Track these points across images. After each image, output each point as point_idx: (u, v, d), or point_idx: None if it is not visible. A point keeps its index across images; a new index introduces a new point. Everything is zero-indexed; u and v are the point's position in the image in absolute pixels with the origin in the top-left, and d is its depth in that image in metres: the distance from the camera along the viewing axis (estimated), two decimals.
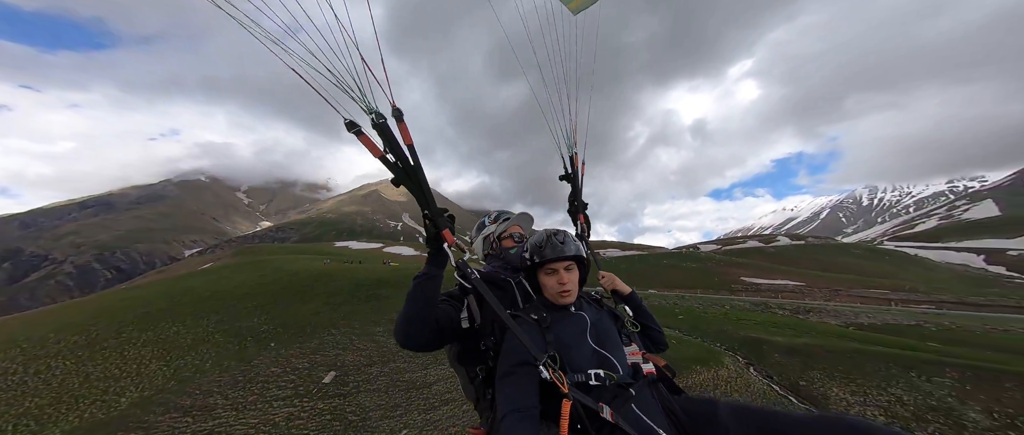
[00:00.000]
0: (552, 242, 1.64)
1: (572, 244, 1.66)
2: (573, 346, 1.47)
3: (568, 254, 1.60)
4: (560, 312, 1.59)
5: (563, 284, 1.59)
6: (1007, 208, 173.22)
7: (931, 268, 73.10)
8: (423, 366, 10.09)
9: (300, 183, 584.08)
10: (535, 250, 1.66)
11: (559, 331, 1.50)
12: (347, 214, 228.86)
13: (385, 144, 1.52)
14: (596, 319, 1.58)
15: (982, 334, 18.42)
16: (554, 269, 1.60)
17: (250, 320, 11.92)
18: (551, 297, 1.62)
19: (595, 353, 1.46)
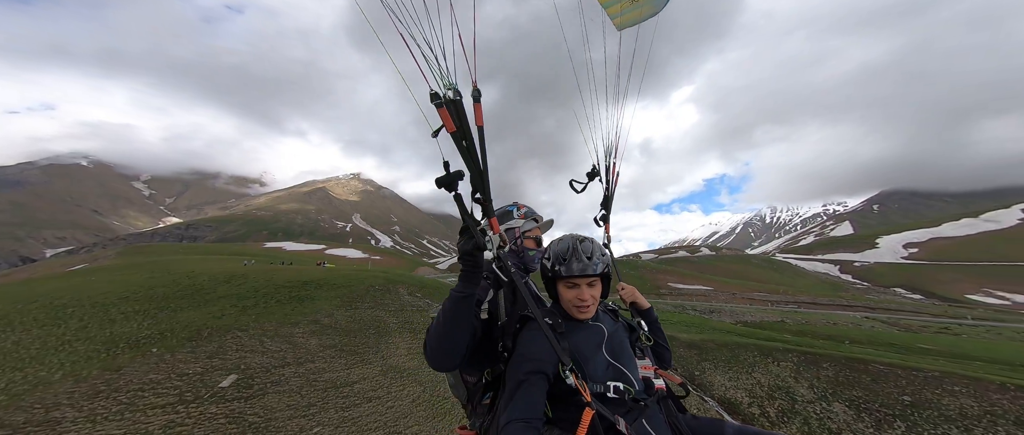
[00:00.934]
0: (578, 254, 1.52)
1: (599, 260, 1.54)
2: (589, 357, 1.41)
3: (594, 272, 1.49)
4: (577, 321, 1.52)
5: (583, 300, 1.49)
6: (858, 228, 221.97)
7: (802, 275, 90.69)
8: (347, 366, 9.60)
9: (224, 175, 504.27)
10: (559, 259, 1.54)
11: (575, 340, 1.43)
12: (284, 212, 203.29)
13: (457, 120, 1.48)
14: (612, 331, 1.52)
15: (820, 326, 23.58)
16: (576, 283, 1.50)
17: (126, 326, 10.10)
18: (568, 309, 1.52)
19: (610, 366, 1.40)
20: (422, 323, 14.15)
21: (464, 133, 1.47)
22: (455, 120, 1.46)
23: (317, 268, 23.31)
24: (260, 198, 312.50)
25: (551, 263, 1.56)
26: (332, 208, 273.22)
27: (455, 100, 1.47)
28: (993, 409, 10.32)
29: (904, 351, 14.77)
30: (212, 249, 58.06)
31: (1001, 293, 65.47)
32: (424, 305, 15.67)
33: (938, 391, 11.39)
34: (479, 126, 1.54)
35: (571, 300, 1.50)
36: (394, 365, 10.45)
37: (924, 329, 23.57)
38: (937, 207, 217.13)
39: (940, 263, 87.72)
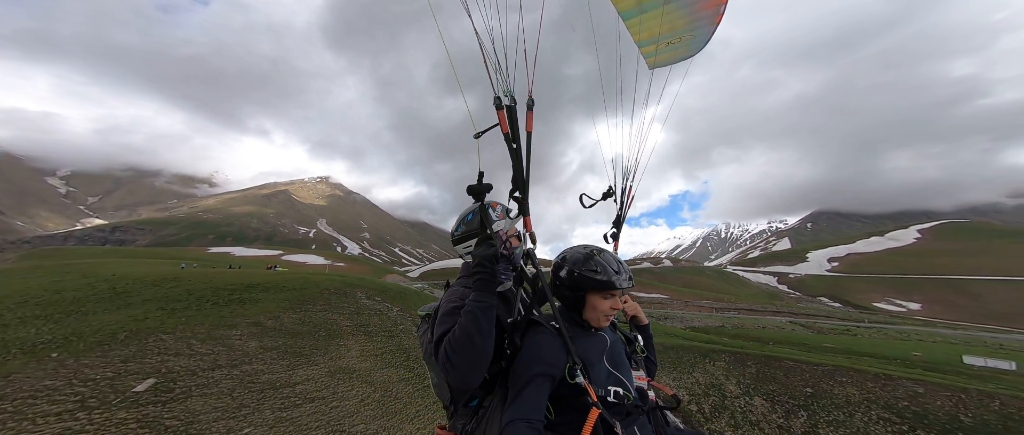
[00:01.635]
0: (623, 269, 1.52)
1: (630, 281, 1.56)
2: (594, 363, 1.42)
3: (631, 287, 1.53)
4: (581, 328, 1.52)
5: (616, 310, 1.53)
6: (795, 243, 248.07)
7: (747, 286, 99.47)
8: (289, 367, 9.08)
9: (166, 174, 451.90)
10: (604, 269, 1.49)
11: (580, 346, 1.44)
12: (236, 215, 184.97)
13: (511, 123, 1.58)
14: (613, 341, 1.54)
15: (752, 330, 26.13)
16: (614, 294, 1.50)
17: (21, 330, 8.80)
18: (594, 318, 1.50)
19: (610, 374, 1.42)
20: (379, 326, 13.69)
21: (515, 136, 1.59)
22: (509, 124, 1.58)
23: (267, 272, 21.69)
24: (209, 199, 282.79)
25: (600, 273, 1.49)
26: (294, 212, 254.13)
27: (511, 106, 1.59)
28: (869, 396, 12.02)
29: (812, 349, 16.80)
30: (143, 253, 51.15)
31: (899, 301, 76.94)
32: (383, 309, 15.19)
33: (831, 383, 13.04)
34: (528, 132, 1.65)
35: (605, 310, 1.49)
36: (344, 366, 10.05)
37: (832, 331, 26.98)
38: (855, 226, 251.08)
39: (855, 275, 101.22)
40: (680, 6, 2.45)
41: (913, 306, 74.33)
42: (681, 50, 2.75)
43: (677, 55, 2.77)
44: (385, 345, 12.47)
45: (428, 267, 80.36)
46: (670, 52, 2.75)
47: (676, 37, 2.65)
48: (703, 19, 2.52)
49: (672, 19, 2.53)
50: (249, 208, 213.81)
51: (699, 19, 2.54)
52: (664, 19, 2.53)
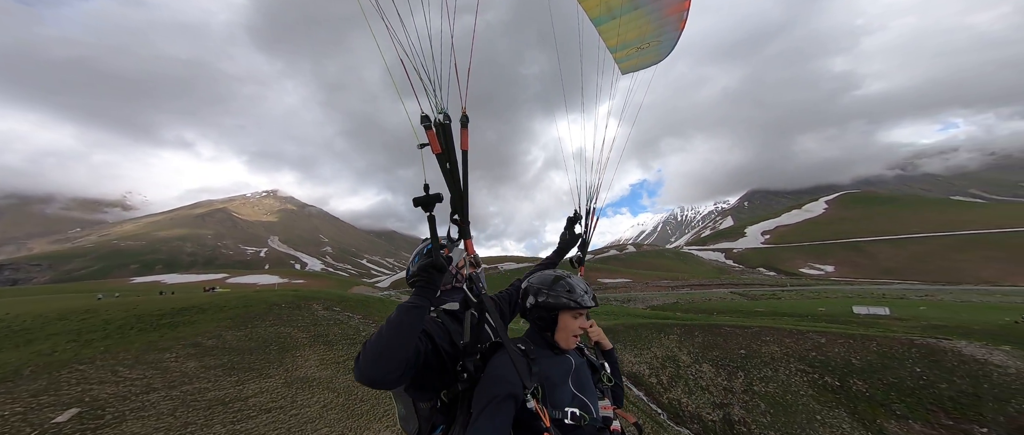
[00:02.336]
0: (586, 288, 1.58)
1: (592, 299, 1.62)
2: (557, 384, 1.42)
3: (594, 305, 1.57)
4: (549, 350, 1.53)
5: (584, 328, 1.55)
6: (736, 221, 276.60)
7: (700, 263, 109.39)
8: (238, 382, 8.60)
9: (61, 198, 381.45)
10: (568, 292, 1.54)
11: (545, 368, 1.44)
12: (163, 240, 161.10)
13: (443, 142, 1.50)
14: (578, 364, 1.54)
15: (701, 303, 29.25)
16: (581, 313, 1.54)
17: None
18: (564, 339, 1.53)
19: (574, 397, 1.42)
20: (340, 335, 13.26)
21: (449, 156, 1.51)
22: (442, 142, 1.49)
23: (204, 294, 19.75)
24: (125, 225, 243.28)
25: (565, 296, 1.53)
26: (238, 232, 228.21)
27: (444, 124, 1.51)
28: (788, 351, 14.21)
29: (746, 315, 19.35)
30: (43, 290, 42.80)
31: (817, 265, 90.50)
32: (343, 318, 14.69)
33: (759, 343, 15.18)
34: (464, 150, 1.57)
35: (574, 330, 1.52)
36: (303, 376, 9.72)
37: (762, 296, 31.06)
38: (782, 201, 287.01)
39: (783, 245, 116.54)
40: (647, 12, 2.51)
41: (828, 268, 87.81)
42: (651, 55, 2.78)
43: (647, 60, 2.80)
44: (348, 352, 12.18)
45: (399, 275, 77.30)
46: (641, 57, 2.78)
47: (645, 42, 2.69)
48: (669, 24, 2.59)
49: (641, 25, 2.57)
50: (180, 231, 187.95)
51: (665, 24, 2.60)
52: (634, 25, 2.56)
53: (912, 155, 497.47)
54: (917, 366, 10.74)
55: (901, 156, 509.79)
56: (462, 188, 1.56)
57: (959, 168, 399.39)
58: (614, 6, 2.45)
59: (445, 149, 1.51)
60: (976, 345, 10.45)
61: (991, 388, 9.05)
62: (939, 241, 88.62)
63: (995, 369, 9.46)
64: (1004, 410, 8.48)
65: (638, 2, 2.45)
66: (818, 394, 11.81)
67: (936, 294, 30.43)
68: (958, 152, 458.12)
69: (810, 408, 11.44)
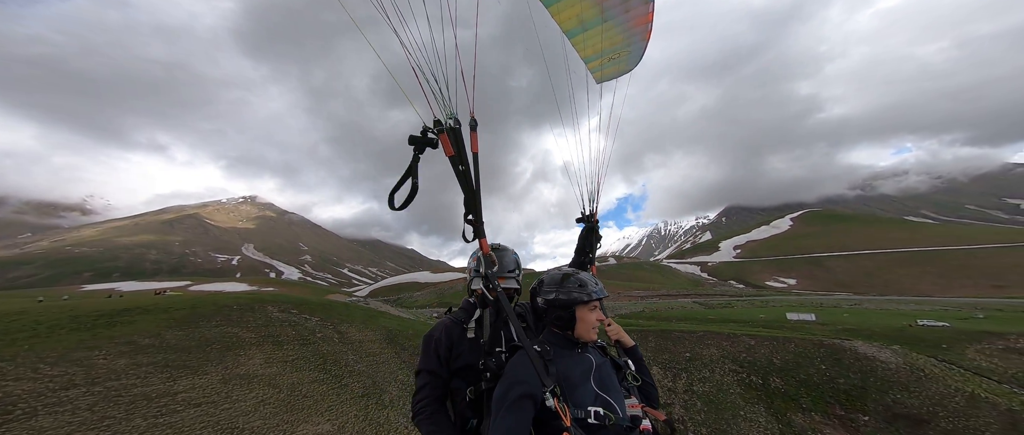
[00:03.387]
0: (597, 283, 1.60)
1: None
2: (577, 384, 1.40)
3: (605, 295, 1.61)
4: (568, 349, 1.53)
5: (602, 320, 1.58)
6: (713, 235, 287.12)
7: (677, 276, 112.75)
8: (169, 379, 8.52)
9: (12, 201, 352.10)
10: (580, 287, 1.57)
11: (563, 367, 1.43)
12: (125, 246, 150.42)
13: (455, 146, 1.56)
14: (600, 363, 1.53)
15: (663, 311, 30.45)
16: (597, 305, 1.56)
17: None
18: (586, 332, 1.54)
19: (597, 396, 1.40)
20: (291, 336, 13.14)
21: (461, 158, 1.58)
22: (454, 146, 1.56)
23: (154, 297, 19.03)
24: (83, 230, 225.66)
25: (579, 289, 1.56)
26: (210, 239, 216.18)
27: (455, 128, 1.58)
28: (724, 353, 15.17)
29: (698, 321, 20.44)
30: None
31: (781, 279, 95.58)
32: (299, 320, 14.56)
33: (701, 346, 16.10)
34: (474, 153, 1.65)
35: (593, 322, 1.53)
36: (243, 373, 9.69)
37: (718, 305, 32.67)
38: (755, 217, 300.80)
39: (752, 260, 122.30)
40: (617, 24, 2.68)
41: (791, 281, 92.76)
42: (622, 64, 2.97)
43: (619, 69, 3.00)
44: (298, 352, 12.13)
45: (378, 284, 75.16)
46: (613, 67, 2.96)
47: (616, 53, 2.86)
48: (636, 35, 2.79)
49: (611, 35, 2.74)
50: (144, 237, 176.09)
51: (633, 35, 2.79)
52: (604, 36, 2.72)
53: (870, 176, 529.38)
54: (823, 364, 11.85)
55: (860, 177, 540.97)
56: (475, 189, 1.62)
57: (911, 190, 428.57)
58: (586, 19, 2.65)
59: (457, 152, 1.58)
60: (870, 345, 11.69)
61: (875, 381, 10.17)
62: (885, 257, 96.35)
63: (880, 365, 10.64)
64: (883, 400, 9.56)
65: (607, 15, 2.64)
66: (744, 392, 12.71)
67: (862, 303, 32.99)
68: (908, 175, 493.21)
69: (736, 405, 12.29)
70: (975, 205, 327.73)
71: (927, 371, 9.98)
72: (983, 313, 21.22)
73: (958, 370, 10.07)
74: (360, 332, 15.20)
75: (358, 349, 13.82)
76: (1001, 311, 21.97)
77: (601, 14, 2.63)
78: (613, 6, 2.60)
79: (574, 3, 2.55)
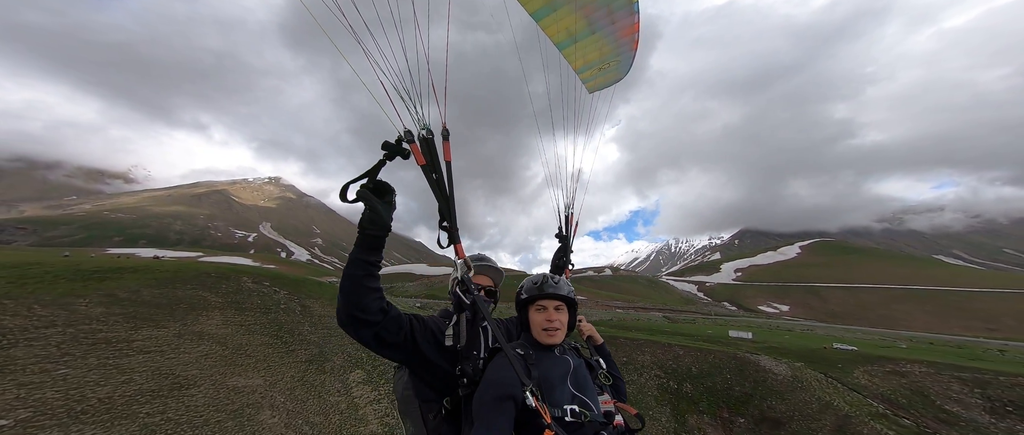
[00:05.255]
0: (548, 281, 1.63)
1: (565, 286, 1.65)
2: (555, 385, 1.44)
3: (561, 293, 1.60)
4: (546, 352, 1.56)
5: (551, 321, 1.57)
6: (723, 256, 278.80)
7: (671, 292, 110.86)
8: (132, 328, 9.81)
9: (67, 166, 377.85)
10: (529, 288, 1.63)
11: (543, 369, 1.47)
12: (156, 215, 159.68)
13: (428, 155, 1.59)
14: (577, 365, 1.56)
15: (629, 322, 30.70)
16: (544, 306, 1.59)
17: None
18: (537, 335, 1.58)
19: (574, 397, 1.44)
20: (256, 305, 14.49)
21: (434, 167, 1.60)
22: (426, 155, 1.58)
23: (150, 260, 20.98)
24: (122, 197, 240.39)
25: (524, 293, 1.63)
26: (232, 215, 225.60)
27: (428, 138, 1.58)
28: (655, 360, 15.77)
29: (652, 332, 20.84)
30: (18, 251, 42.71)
31: (775, 304, 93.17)
32: (268, 292, 16.00)
33: (639, 353, 16.71)
34: (447, 162, 1.66)
35: (540, 322, 1.56)
36: (198, 330, 11.05)
37: (683, 321, 32.65)
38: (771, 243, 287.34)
39: (750, 284, 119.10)
40: (604, 35, 2.72)
41: (784, 308, 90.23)
42: (612, 74, 2.99)
43: (610, 79, 3.03)
44: (257, 319, 13.50)
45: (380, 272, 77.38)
46: (604, 76, 2.99)
47: (606, 63, 2.89)
48: (624, 45, 2.81)
49: (600, 46, 2.78)
50: (175, 208, 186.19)
51: (621, 46, 2.81)
52: (594, 47, 2.76)
53: (900, 210, 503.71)
54: (729, 373, 12.39)
55: (890, 210, 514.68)
56: (449, 196, 1.64)
57: (944, 228, 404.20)
58: (574, 31, 2.67)
59: (429, 161, 1.60)
60: (773, 360, 12.16)
61: (761, 390, 10.72)
62: (887, 292, 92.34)
63: (772, 376, 11.15)
64: (760, 406, 10.15)
65: (595, 26, 2.67)
66: (659, 394, 13.33)
67: (814, 329, 32.37)
68: (944, 212, 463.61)
69: (648, 405, 12.94)
70: (1013, 249, 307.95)
71: (805, 383, 10.53)
72: (907, 344, 21.12)
73: (835, 384, 10.59)
74: (324, 308, 16.52)
75: (317, 322, 15.11)
76: (932, 344, 21.81)
77: (589, 26, 2.67)
78: (600, 18, 2.63)
79: (563, 16, 2.59)
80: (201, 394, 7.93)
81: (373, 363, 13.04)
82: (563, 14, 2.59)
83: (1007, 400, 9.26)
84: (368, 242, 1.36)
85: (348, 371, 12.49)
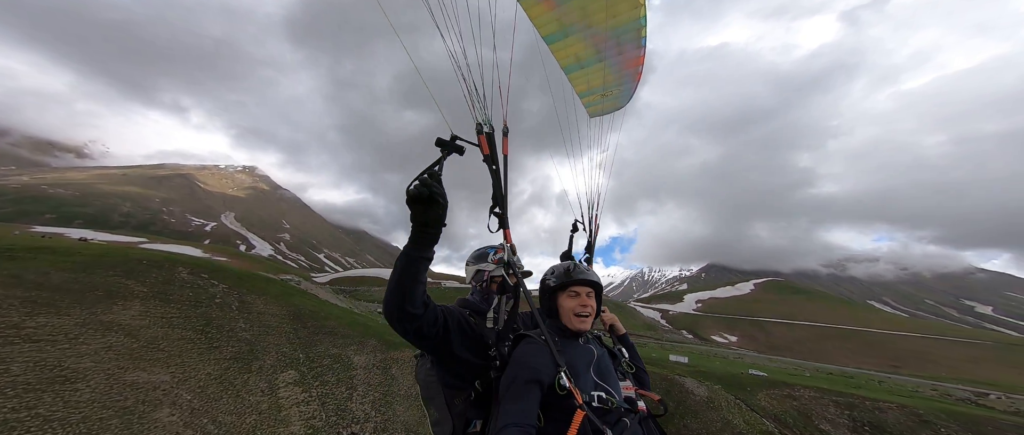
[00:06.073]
0: (578, 267, 1.65)
1: (594, 274, 1.65)
2: (580, 373, 1.44)
3: (591, 278, 1.61)
4: (570, 340, 1.56)
5: (584, 306, 1.57)
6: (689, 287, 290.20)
7: (634, 317, 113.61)
8: (28, 314, 8.87)
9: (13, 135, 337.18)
10: (560, 275, 1.63)
11: (568, 356, 1.46)
12: (103, 194, 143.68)
13: (490, 149, 1.75)
14: (600, 354, 1.56)
15: None
16: (577, 292, 1.59)
17: None
18: (567, 320, 1.57)
19: (597, 385, 1.44)
20: (185, 297, 13.40)
21: (494, 159, 1.77)
22: (489, 148, 1.76)
23: (77, 242, 19.01)
24: (70, 172, 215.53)
25: (554, 279, 1.63)
26: (193, 201, 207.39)
27: (490, 133, 1.76)
28: None
29: None
30: None
31: (725, 335, 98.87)
32: (205, 284, 14.89)
33: None
34: (505, 155, 1.85)
35: (573, 308, 1.57)
36: (107, 320, 10.08)
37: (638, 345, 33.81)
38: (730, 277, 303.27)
39: (707, 314, 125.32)
40: (610, 64, 2.81)
41: (733, 338, 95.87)
42: (613, 102, 3.12)
43: (611, 106, 3.16)
44: (183, 312, 12.48)
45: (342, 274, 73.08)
46: (605, 103, 3.11)
47: (609, 90, 3.00)
48: (627, 76, 2.95)
49: (605, 74, 2.87)
50: (127, 188, 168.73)
51: (624, 76, 2.94)
52: (598, 74, 2.87)
53: (844, 258, 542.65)
54: (660, 393, 13.04)
55: (835, 257, 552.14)
56: (504, 185, 1.80)
57: (878, 277, 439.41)
58: (582, 58, 2.78)
59: (491, 153, 1.78)
60: (696, 382, 12.92)
61: (682, 409, 11.34)
62: (820, 330, 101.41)
63: (692, 397, 11.85)
64: (679, 423, 10.79)
65: (602, 55, 2.76)
66: None
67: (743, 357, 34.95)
68: (879, 262, 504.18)
69: None
70: (933, 301, 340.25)
71: (717, 403, 11.36)
72: (810, 372, 23.59)
73: (740, 405, 11.57)
74: (265, 305, 15.51)
75: (254, 319, 14.15)
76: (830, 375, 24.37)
77: (597, 54, 2.76)
78: (608, 48, 2.70)
79: (573, 42, 2.67)
80: (88, 389, 7.23)
81: (309, 364, 12.38)
82: (574, 41, 2.68)
83: (867, 421, 10.71)
84: (428, 238, 1.32)
85: (279, 371, 11.74)
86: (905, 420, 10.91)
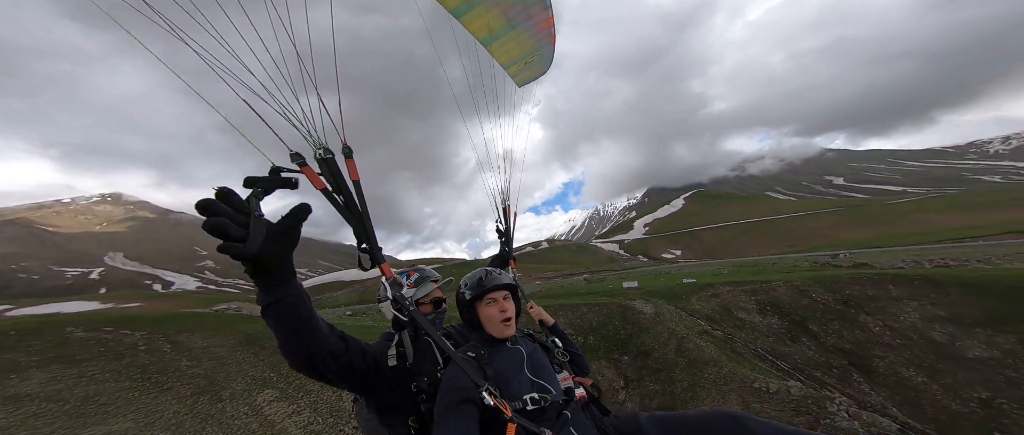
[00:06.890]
0: (490, 275, 1.64)
1: (506, 276, 1.66)
2: (511, 377, 1.44)
3: (505, 282, 1.62)
4: (497, 347, 1.55)
5: (504, 311, 1.58)
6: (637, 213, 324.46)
7: (597, 254, 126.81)
8: None
9: None
10: (473, 286, 1.63)
11: (498, 365, 1.47)
12: None
13: (330, 178, 1.38)
14: (531, 351, 1.57)
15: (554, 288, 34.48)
16: (494, 299, 1.59)
17: None
18: (493, 329, 1.57)
19: (533, 383, 1.45)
20: (96, 354, 11.51)
21: (339, 189, 1.40)
22: (328, 178, 1.37)
23: None
24: None
25: (469, 291, 1.62)
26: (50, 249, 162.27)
27: (327, 158, 1.38)
28: (567, 321, 17.54)
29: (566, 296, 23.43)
30: None
31: (672, 250, 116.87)
32: (111, 338, 12.77)
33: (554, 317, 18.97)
34: (355, 181, 1.46)
35: (493, 315, 1.56)
36: (15, 394, 8.42)
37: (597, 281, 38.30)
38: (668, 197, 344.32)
39: (655, 236, 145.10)
40: (523, 30, 2.77)
41: (677, 253, 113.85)
42: (537, 68, 3.11)
43: (535, 72, 3.16)
44: (103, 367, 10.82)
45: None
46: (529, 71, 3.11)
47: (530, 57, 2.97)
48: (544, 39, 2.92)
49: (522, 41, 2.84)
50: None
51: (541, 39, 2.90)
52: (516, 42, 2.82)
53: (742, 160, 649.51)
54: (617, 320, 15.36)
55: (736, 160, 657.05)
56: (362, 218, 1.44)
57: (768, 171, 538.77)
58: (495, 28, 2.69)
59: (334, 183, 1.39)
60: (643, 301, 15.60)
61: (637, 329, 13.73)
62: (736, 227, 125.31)
63: (643, 316, 14.37)
64: (637, 343, 13.05)
65: (514, 23, 2.72)
66: None
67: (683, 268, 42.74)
68: (765, 159, 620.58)
69: None
70: (806, 182, 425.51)
71: (663, 317, 13.97)
72: (728, 270, 28.75)
73: (680, 312, 14.42)
74: (205, 339, 14.06)
75: (196, 356, 12.88)
76: (742, 267, 29.82)
77: (508, 22, 2.71)
78: (517, 14, 2.67)
79: (482, 14, 2.58)
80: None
81: (287, 380, 11.98)
82: (480, 12, 2.59)
83: (767, 301, 14.20)
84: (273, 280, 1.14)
85: (255, 393, 11.23)
86: (790, 293, 14.30)
